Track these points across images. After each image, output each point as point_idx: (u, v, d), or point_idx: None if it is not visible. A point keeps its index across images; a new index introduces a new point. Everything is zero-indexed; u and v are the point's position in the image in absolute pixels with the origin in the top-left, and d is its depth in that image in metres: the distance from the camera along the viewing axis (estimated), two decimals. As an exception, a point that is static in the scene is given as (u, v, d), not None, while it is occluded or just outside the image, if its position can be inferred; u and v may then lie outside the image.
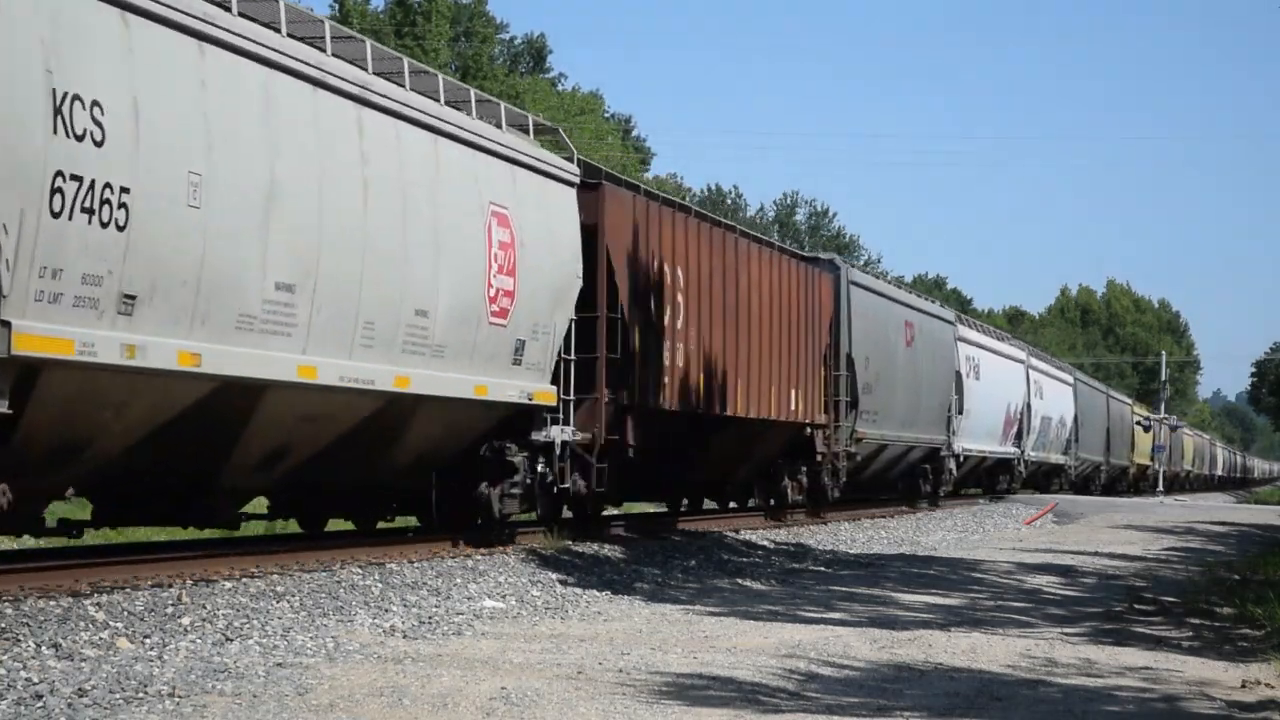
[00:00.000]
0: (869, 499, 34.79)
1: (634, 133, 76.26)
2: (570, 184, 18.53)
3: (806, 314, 26.96)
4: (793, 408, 26.25)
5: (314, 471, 14.92)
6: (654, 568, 17.65)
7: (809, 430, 27.69)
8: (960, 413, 37.85)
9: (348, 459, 15.10)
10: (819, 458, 28.25)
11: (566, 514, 20.58)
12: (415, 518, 18.93)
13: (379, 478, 16.36)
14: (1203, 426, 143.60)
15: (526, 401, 17.38)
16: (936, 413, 35.97)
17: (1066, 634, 12.71)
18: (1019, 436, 46.47)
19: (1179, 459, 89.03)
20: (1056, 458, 54.25)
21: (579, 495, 19.44)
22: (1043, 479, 54.23)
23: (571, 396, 18.92)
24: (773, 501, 27.92)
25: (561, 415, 18.60)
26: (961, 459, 38.89)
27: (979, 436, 40.91)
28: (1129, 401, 77.39)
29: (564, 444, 18.57)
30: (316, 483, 15.69)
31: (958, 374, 37.91)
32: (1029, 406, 47.52)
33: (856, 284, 30.52)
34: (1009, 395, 44.96)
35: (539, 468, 18.08)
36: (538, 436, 17.92)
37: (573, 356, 18.95)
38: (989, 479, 45.79)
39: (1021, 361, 47.92)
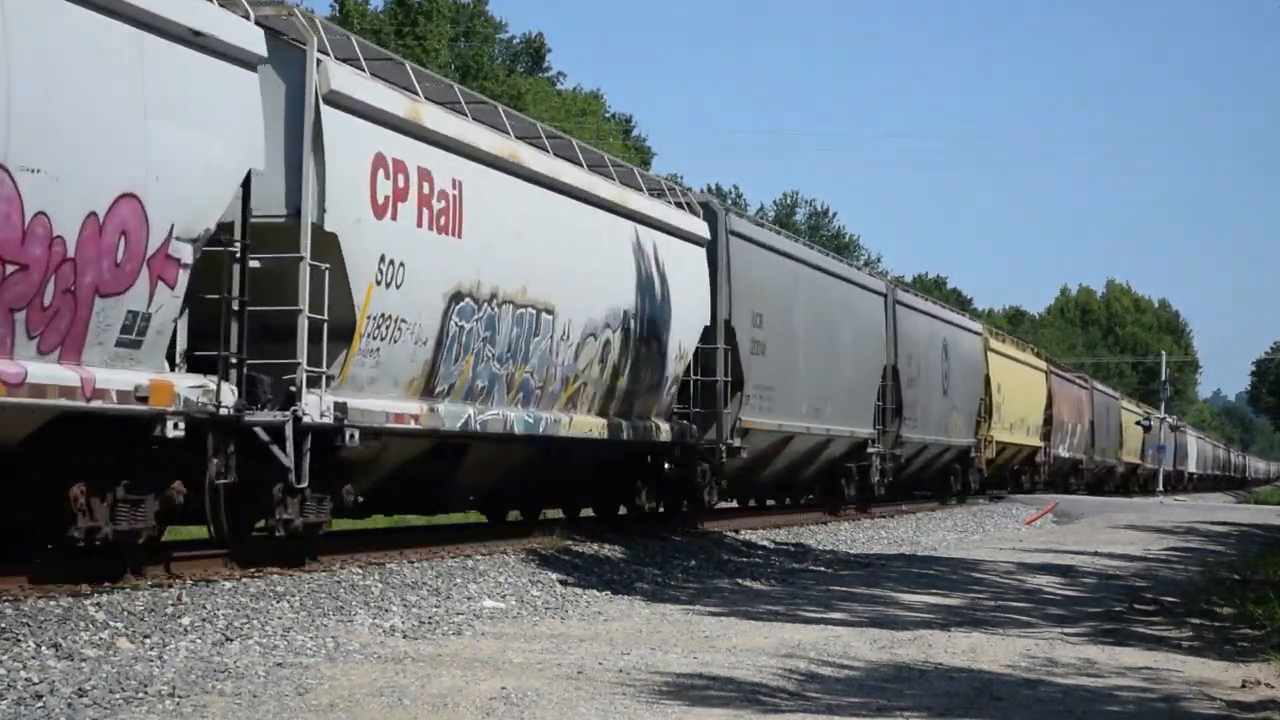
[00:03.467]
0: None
1: (634, 133, 76.33)
2: None
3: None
4: None
5: None
6: (654, 568, 17.66)
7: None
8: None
9: None
10: None
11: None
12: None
13: None
14: (1203, 426, 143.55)
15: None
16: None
17: (1067, 634, 12.71)
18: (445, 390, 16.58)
19: (1111, 446, 65.26)
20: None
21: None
22: (608, 477, 21.70)
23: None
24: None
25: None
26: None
27: None
28: (979, 329, 41.63)
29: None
30: None
31: None
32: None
33: None
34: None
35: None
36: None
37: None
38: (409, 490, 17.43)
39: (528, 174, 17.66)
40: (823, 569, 19.30)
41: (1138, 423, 71.54)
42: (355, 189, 14.19)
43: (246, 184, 12.83)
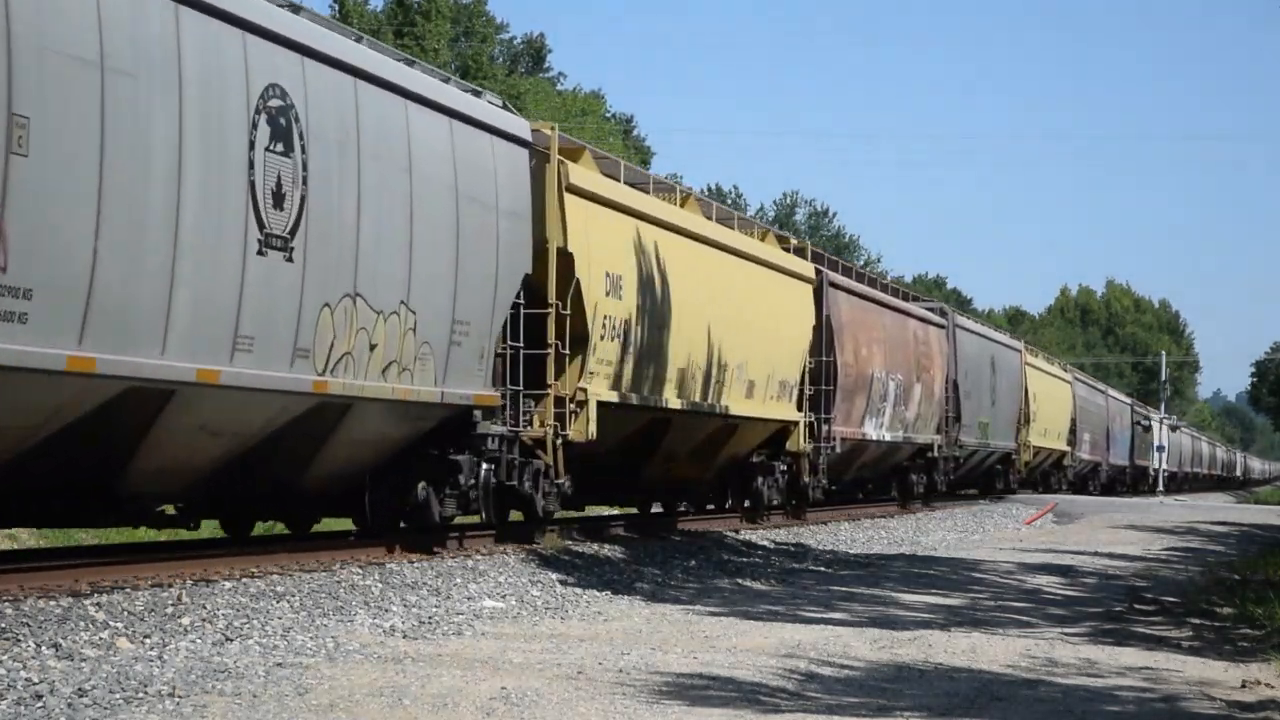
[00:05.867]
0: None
1: (634, 132, 76.38)
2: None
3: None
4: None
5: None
6: (654, 568, 17.65)
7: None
8: None
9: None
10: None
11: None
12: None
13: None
14: (1203, 426, 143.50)
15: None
16: None
17: (1067, 634, 12.71)
18: None
19: (1001, 423, 41.79)
20: None
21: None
22: None
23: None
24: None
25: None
26: None
27: None
28: (521, 134, 17.54)
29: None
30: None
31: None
32: None
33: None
34: None
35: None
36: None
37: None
38: None
39: None
40: (823, 569, 19.29)
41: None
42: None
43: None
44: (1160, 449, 66.67)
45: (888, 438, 31.61)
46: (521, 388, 17.32)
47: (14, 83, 10.23)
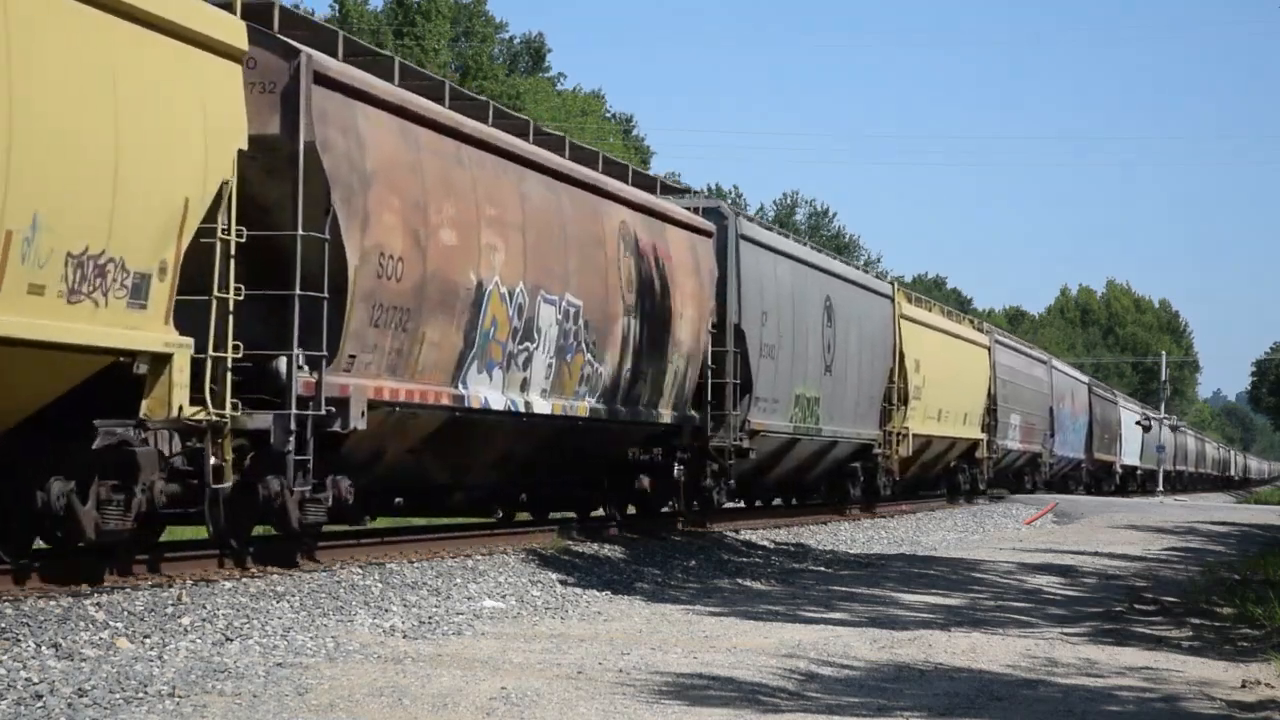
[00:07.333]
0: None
1: (634, 132, 76.43)
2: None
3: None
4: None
5: None
6: (654, 568, 17.65)
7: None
8: None
9: None
10: None
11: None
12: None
13: None
14: (1203, 426, 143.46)
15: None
16: None
17: (1067, 634, 12.71)
18: None
19: (846, 408, 28.12)
20: None
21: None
22: None
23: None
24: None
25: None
26: None
27: None
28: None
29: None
30: None
31: None
32: None
33: None
34: None
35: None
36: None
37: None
38: None
39: None
40: (823, 569, 19.29)
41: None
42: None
43: None
44: (1160, 449, 66.17)
45: (544, 409, 17.68)
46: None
47: None
